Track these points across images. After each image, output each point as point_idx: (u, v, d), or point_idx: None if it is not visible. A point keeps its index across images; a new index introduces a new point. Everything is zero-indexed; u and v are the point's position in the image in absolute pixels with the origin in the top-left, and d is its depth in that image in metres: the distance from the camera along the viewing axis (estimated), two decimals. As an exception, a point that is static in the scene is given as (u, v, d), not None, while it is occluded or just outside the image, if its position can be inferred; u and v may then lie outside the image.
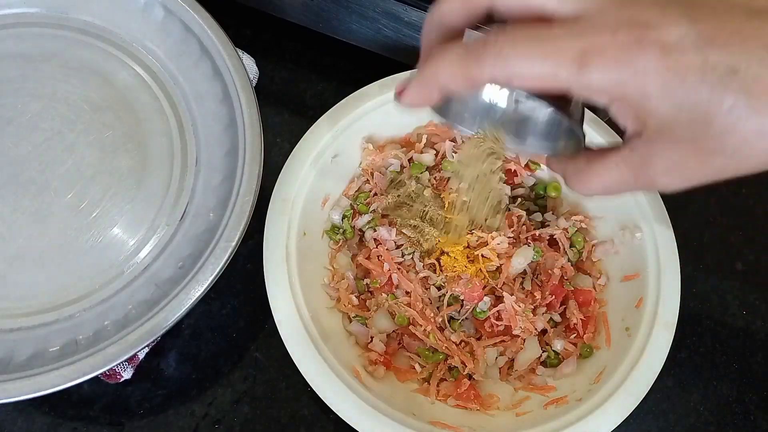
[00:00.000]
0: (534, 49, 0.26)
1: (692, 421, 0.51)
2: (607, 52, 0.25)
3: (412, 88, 0.30)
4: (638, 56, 0.25)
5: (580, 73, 0.26)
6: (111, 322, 0.45)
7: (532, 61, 0.26)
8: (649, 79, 0.25)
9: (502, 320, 0.49)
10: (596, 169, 0.30)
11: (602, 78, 0.26)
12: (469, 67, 0.27)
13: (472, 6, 0.30)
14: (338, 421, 0.43)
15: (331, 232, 0.52)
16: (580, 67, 0.26)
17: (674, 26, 0.25)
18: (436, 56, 0.29)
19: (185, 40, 0.52)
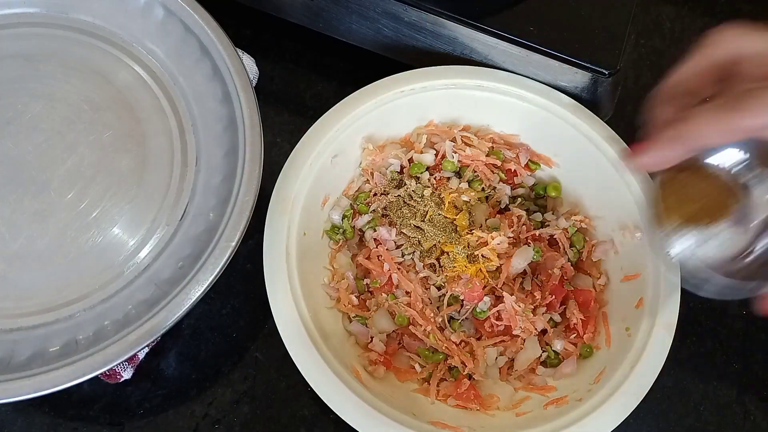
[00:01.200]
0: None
1: (692, 421, 0.51)
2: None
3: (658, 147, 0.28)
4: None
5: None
6: (111, 322, 0.45)
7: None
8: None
9: (502, 320, 0.49)
10: None
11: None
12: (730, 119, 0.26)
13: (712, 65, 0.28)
14: (338, 421, 0.43)
15: (331, 232, 0.52)
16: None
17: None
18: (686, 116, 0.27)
19: (185, 40, 0.52)
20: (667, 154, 0.29)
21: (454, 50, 0.55)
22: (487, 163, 0.53)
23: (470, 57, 0.55)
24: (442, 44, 0.54)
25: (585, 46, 0.51)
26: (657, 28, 0.65)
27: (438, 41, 0.54)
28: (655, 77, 0.63)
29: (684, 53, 0.63)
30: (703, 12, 0.66)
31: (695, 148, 0.28)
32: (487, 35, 0.52)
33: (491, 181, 0.53)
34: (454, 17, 0.52)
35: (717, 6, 0.66)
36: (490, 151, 0.54)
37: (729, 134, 0.27)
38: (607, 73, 0.51)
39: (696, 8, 0.66)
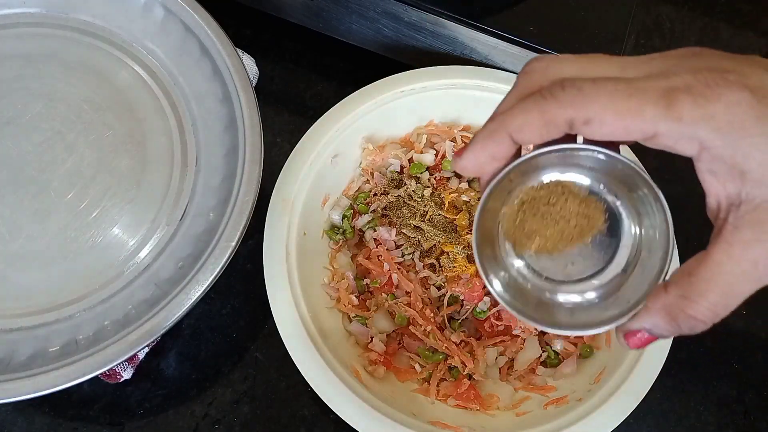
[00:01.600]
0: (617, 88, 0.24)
1: (692, 421, 0.51)
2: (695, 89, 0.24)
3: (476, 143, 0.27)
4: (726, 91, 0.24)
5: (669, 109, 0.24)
6: (111, 322, 0.45)
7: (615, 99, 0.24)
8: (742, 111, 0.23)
9: (502, 320, 0.49)
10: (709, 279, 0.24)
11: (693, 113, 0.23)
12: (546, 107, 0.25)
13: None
14: (338, 421, 0.43)
15: (331, 232, 0.52)
16: (668, 104, 0.24)
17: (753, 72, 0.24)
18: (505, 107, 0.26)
19: (185, 40, 0.52)
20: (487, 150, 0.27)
21: (454, 50, 0.55)
22: (487, 163, 0.53)
23: (470, 57, 0.55)
24: (442, 44, 0.54)
25: (585, 46, 0.51)
26: (657, 28, 0.65)
27: (438, 41, 0.54)
28: (655, 77, 0.63)
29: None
30: (703, 12, 0.66)
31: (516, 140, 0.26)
32: (487, 35, 0.52)
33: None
34: (454, 17, 0.52)
35: (717, 6, 0.66)
36: (490, 151, 0.53)
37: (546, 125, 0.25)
38: (607, 73, 0.51)
39: (696, 8, 0.66)
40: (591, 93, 0.24)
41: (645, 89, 0.24)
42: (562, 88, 0.25)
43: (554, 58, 0.27)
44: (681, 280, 0.26)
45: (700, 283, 0.25)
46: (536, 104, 0.25)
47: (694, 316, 0.25)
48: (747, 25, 0.65)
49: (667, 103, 0.24)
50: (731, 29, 0.65)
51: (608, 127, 0.25)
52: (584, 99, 0.24)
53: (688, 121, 0.24)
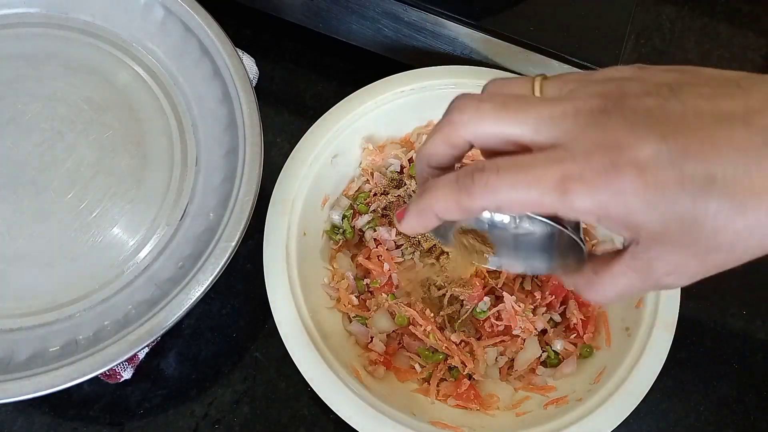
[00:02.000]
0: (517, 178, 0.28)
1: (692, 421, 0.51)
2: (585, 179, 0.26)
3: (411, 217, 0.32)
4: (615, 178, 0.26)
5: (563, 199, 0.27)
6: (111, 322, 0.45)
7: (517, 190, 0.28)
8: (629, 198, 0.26)
9: (502, 320, 0.49)
10: (605, 279, 0.31)
11: (584, 202, 0.27)
12: (461, 199, 0.29)
13: (454, 144, 0.31)
14: (338, 421, 0.43)
15: (331, 232, 0.52)
16: (561, 194, 0.27)
17: (646, 144, 0.26)
18: (430, 189, 0.30)
19: (185, 40, 0.52)
20: (420, 224, 0.32)
21: (454, 50, 0.55)
22: (487, 163, 0.53)
23: (470, 57, 0.55)
24: (442, 44, 0.54)
25: (585, 46, 0.51)
26: (657, 28, 0.65)
27: (438, 41, 0.54)
28: (655, 77, 0.63)
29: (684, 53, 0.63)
30: (703, 12, 0.66)
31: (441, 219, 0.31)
32: (487, 35, 0.52)
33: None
34: (454, 17, 0.52)
35: (717, 6, 0.66)
36: (490, 151, 0.53)
37: (466, 212, 0.30)
38: (607, 73, 0.51)
39: (696, 8, 0.66)
40: (496, 186, 0.28)
41: (541, 178, 0.27)
42: (472, 181, 0.28)
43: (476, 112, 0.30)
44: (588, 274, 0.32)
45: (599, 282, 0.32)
46: (454, 195, 0.29)
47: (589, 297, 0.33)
48: (747, 25, 0.65)
49: (561, 193, 0.27)
50: (731, 29, 0.65)
51: (516, 211, 0.31)
52: (492, 192, 0.28)
53: (580, 210, 0.27)
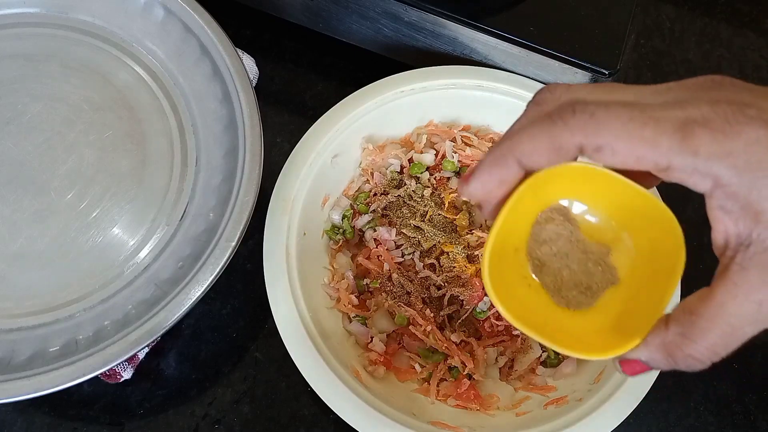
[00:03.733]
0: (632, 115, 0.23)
1: (692, 421, 0.51)
2: (713, 123, 0.23)
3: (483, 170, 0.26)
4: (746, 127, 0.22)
5: (685, 142, 0.23)
6: (111, 322, 0.45)
7: (629, 127, 0.23)
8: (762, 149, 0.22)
9: (502, 320, 0.49)
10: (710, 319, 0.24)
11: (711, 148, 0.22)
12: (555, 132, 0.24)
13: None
14: (338, 421, 0.43)
15: (331, 232, 0.52)
16: (684, 137, 0.23)
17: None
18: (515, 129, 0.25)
19: (185, 40, 0.52)
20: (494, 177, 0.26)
21: (454, 50, 0.55)
22: (487, 163, 0.53)
23: (470, 57, 0.55)
24: (442, 44, 0.54)
25: (585, 46, 0.51)
26: (657, 28, 0.65)
27: (438, 41, 0.54)
28: (655, 77, 0.63)
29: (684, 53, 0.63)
30: (703, 12, 0.66)
31: (525, 165, 0.25)
32: (487, 35, 0.52)
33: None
34: (454, 17, 0.52)
35: (717, 6, 0.66)
36: (490, 151, 0.53)
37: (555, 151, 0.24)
38: (607, 73, 0.51)
39: (696, 8, 0.66)
40: (603, 119, 0.23)
41: (660, 119, 0.23)
42: (573, 113, 0.24)
43: (566, 87, 0.26)
44: (682, 318, 0.25)
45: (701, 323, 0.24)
46: (545, 129, 0.24)
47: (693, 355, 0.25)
48: (747, 25, 0.65)
49: (683, 135, 0.23)
50: (731, 29, 0.65)
51: (620, 156, 0.24)
52: (596, 125, 0.23)
53: (704, 157, 0.23)
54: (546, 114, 0.25)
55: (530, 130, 0.25)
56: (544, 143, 0.24)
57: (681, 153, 0.23)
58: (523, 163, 0.25)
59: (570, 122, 0.24)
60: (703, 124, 0.23)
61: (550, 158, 0.25)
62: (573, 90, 0.26)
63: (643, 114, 0.23)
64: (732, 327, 0.24)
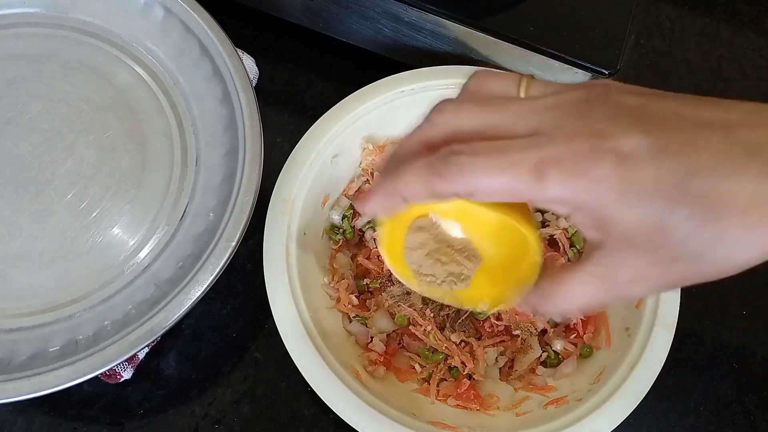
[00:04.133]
0: (492, 162, 0.27)
1: (692, 421, 0.51)
2: (563, 163, 0.26)
3: (376, 198, 0.31)
4: (594, 165, 0.25)
5: (539, 185, 0.26)
6: (111, 322, 0.45)
7: (491, 175, 0.27)
8: (606, 187, 0.25)
9: (502, 320, 0.49)
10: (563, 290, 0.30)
11: (560, 189, 0.26)
12: (432, 182, 0.28)
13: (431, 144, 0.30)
14: (338, 421, 0.43)
15: (331, 232, 0.52)
16: (537, 180, 0.26)
17: (628, 136, 0.26)
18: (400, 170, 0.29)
19: (185, 40, 0.52)
20: (385, 206, 0.31)
21: (454, 50, 0.55)
22: (487, 163, 0.53)
23: (470, 57, 0.55)
24: (442, 44, 0.54)
25: (585, 46, 0.51)
26: (657, 28, 0.65)
27: (438, 41, 0.54)
28: (655, 77, 0.63)
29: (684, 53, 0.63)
30: (703, 12, 0.66)
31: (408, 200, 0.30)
32: (487, 35, 0.52)
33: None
34: (454, 17, 0.52)
35: (717, 6, 0.66)
36: (490, 151, 0.53)
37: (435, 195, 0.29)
38: (607, 73, 0.51)
39: (696, 8, 0.66)
40: (470, 171, 0.27)
41: (519, 163, 0.26)
42: (446, 164, 0.28)
43: (455, 111, 0.30)
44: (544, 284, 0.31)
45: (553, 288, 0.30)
46: (424, 177, 0.28)
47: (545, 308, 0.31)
48: (747, 25, 0.65)
49: (536, 178, 0.26)
50: (731, 29, 0.65)
51: (490, 197, 0.28)
52: (465, 176, 0.27)
53: (555, 196, 0.26)
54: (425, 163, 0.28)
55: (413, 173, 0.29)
56: (423, 189, 0.29)
57: (537, 192, 0.26)
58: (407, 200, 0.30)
59: (444, 174, 0.28)
60: (555, 164, 0.26)
61: (431, 200, 0.29)
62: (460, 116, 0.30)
63: (503, 159, 0.27)
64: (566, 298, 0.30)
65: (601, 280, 0.29)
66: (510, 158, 0.27)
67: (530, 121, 0.28)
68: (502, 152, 0.27)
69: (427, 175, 0.28)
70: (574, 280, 0.29)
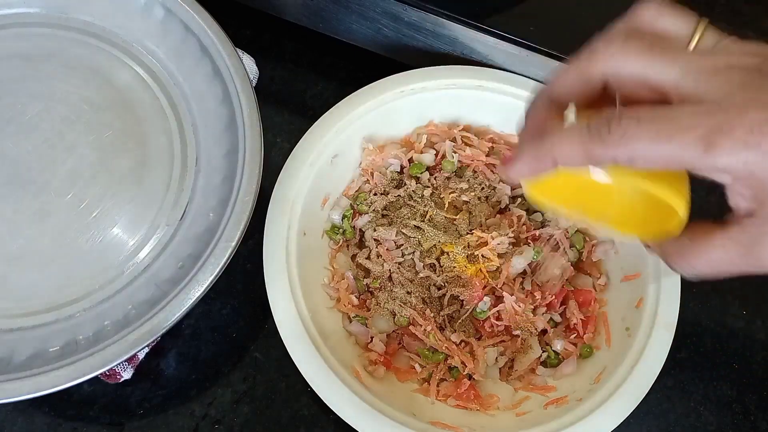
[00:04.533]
0: (659, 129, 0.26)
1: (692, 421, 0.51)
2: (735, 133, 0.25)
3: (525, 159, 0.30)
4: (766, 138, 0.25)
5: (707, 154, 0.25)
6: (111, 322, 0.45)
7: (657, 142, 0.26)
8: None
9: (502, 320, 0.49)
10: (702, 249, 0.29)
11: (729, 160, 0.25)
12: (592, 146, 0.27)
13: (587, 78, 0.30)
14: (338, 421, 0.43)
15: (331, 232, 0.52)
16: (706, 148, 0.25)
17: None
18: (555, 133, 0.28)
19: (185, 40, 0.52)
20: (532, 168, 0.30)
21: (454, 50, 0.55)
22: (487, 163, 0.53)
23: (470, 57, 0.55)
24: (442, 44, 0.54)
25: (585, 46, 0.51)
26: (657, 28, 0.65)
27: (438, 41, 0.54)
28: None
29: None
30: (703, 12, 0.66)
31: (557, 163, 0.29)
32: (487, 35, 0.52)
33: (491, 181, 0.53)
34: (454, 17, 0.52)
35: (717, 6, 0.66)
36: (490, 151, 0.53)
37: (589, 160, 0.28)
38: (607, 73, 0.51)
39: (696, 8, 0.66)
40: (634, 137, 0.26)
41: (687, 129, 0.25)
42: (608, 129, 0.27)
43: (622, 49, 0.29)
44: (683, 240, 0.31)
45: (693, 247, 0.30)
46: (582, 142, 0.28)
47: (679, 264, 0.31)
48: (747, 25, 0.65)
49: (705, 146, 0.25)
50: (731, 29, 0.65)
51: (649, 164, 0.27)
52: (629, 142, 0.26)
53: (722, 166, 0.26)
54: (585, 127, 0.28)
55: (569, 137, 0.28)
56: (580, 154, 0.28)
57: (703, 161, 0.26)
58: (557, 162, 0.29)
59: (606, 140, 0.27)
60: (727, 134, 0.25)
61: (582, 164, 0.29)
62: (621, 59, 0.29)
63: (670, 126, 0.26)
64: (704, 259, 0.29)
65: (743, 248, 0.28)
66: (678, 124, 0.26)
67: (698, 82, 0.27)
68: (671, 120, 0.26)
69: (588, 140, 0.27)
70: (716, 242, 0.28)
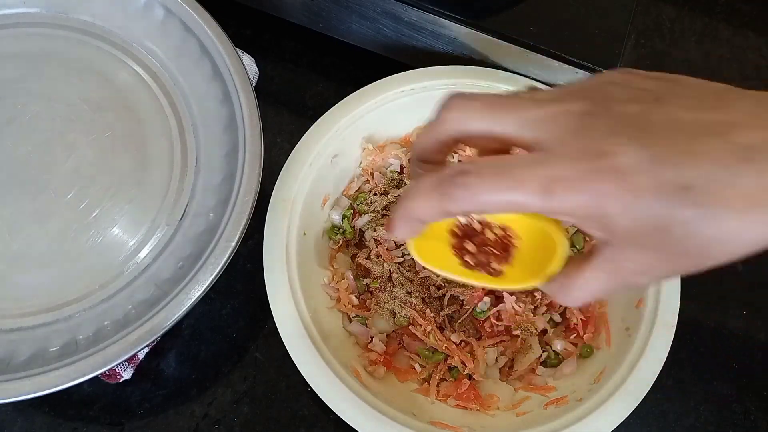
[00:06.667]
0: (500, 181, 0.28)
1: (692, 421, 0.51)
2: (569, 181, 0.27)
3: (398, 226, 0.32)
4: (598, 182, 0.27)
5: (546, 201, 0.28)
6: (111, 322, 0.45)
7: (499, 193, 0.28)
8: (610, 201, 0.27)
9: (502, 320, 0.49)
10: (577, 282, 0.32)
11: (567, 204, 0.28)
12: (443, 203, 0.30)
13: (442, 141, 0.33)
14: (338, 421, 0.43)
15: (331, 232, 0.52)
16: (544, 196, 0.28)
17: (628, 153, 0.27)
18: (411, 194, 0.31)
19: (185, 40, 0.52)
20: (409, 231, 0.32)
21: (454, 50, 0.55)
22: (487, 163, 0.53)
23: (470, 57, 0.55)
24: (442, 44, 0.54)
25: (585, 46, 0.51)
26: (657, 28, 0.65)
27: (438, 41, 0.54)
28: (655, 77, 0.63)
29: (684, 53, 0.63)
30: (703, 12, 0.66)
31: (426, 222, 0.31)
32: (487, 35, 0.52)
33: (491, 181, 0.53)
34: (454, 17, 0.52)
35: (717, 6, 0.66)
36: (490, 151, 0.53)
37: (448, 215, 0.30)
38: (607, 73, 0.51)
39: (696, 8, 0.66)
40: (478, 189, 0.28)
41: (525, 181, 0.28)
42: (454, 186, 0.29)
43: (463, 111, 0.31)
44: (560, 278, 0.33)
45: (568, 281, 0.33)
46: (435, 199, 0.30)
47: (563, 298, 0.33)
48: (747, 25, 0.65)
49: (545, 194, 0.28)
50: (731, 29, 0.65)
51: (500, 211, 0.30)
52: (474, 196, 0.28)
53: (562, 209, 0.28)
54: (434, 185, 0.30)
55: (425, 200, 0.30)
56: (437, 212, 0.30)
57: (545, 207, 0.28)
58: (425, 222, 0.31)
59: (454, 195, 0.29)
60: (561, 182, 0.28)
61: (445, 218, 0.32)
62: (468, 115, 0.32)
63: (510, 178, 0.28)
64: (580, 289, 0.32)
65: (610, 274, 0.31)
66: (517, 176, 0.28)
67: (535, 131, 0.29)
68: (509, 170, 0.29)
69: (438, 197, 0.30)
70: (585, 274, 0.31)
